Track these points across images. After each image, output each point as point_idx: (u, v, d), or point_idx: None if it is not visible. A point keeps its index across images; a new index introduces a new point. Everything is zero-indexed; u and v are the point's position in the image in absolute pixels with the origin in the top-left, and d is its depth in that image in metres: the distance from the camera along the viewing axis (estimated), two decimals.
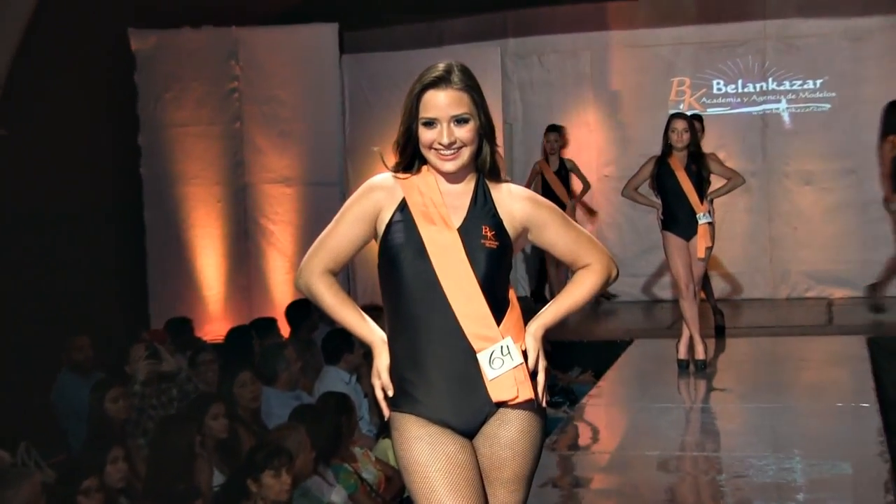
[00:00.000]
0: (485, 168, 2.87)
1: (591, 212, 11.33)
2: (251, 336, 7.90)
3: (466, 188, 2.87)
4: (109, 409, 5.89)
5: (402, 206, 2.82)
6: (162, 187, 10.80)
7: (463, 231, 2.80)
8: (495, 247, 2.80)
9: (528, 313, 2.94)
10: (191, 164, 10.82)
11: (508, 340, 2.76)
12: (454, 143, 2.79)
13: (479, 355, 2.75)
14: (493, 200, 2.86)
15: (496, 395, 2.76)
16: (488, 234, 2.80)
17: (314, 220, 10.30)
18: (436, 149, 2.80)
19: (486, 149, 2.86)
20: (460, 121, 2.79)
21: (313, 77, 10.72)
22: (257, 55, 10.75)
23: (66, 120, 9.49)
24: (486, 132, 2.84)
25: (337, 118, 10.85)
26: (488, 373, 2.75)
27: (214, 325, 10.49)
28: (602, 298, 11.05)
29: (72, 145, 9.62)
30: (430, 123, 2.79)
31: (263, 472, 4.98)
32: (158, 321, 9.85)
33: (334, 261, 2.88)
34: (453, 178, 2.85)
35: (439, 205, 2.82)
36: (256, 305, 10.53)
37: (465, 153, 2.81)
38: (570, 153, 11.05)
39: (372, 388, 2.89)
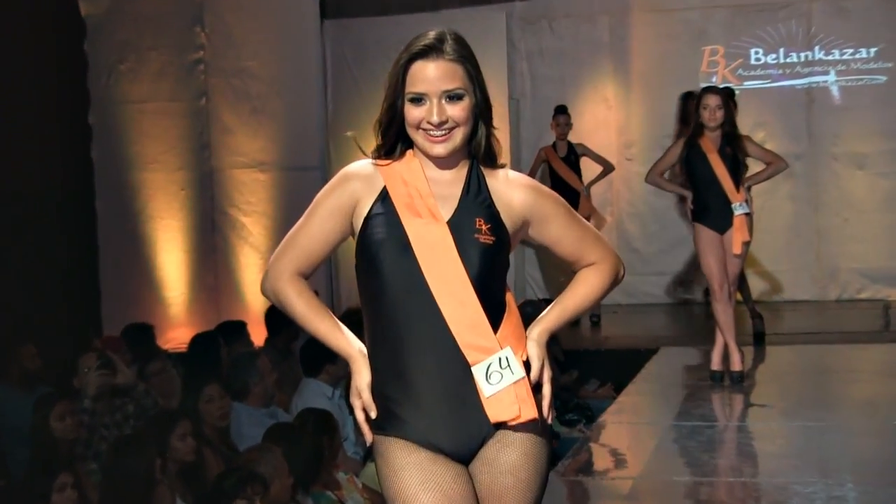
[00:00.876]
0: (479, 152, 2.85)
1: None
2: (218, 343, 7.88)
3: (458, 175, 2.84)
4: (55, 429, 5.87)
5: (384, 197, 2.80)
6: (116, 173, 10.79)
7: (453, 224, 2.77)
8: (491, 242, 2.78)
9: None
10: (149, 147, 10.79)
11: (508, 351, 2.74)
12: (445, 122, 2.76)
13: (473, 369, 2.73)
14: (488, 189, 2.84)
15: (494, 414, 2.74)
16: (483, 227, 2.77)
17: (291, 211, 10.26)
18: (424, 129, 2.77)
19: (482, 130, 2.83)
20: (453, 97, 2.76)
21: (290, 46, 10.71)
22: (226, 21, 10.74)
23: (4, 95, 9.46)
24: (481, 111, 2.82)
25: (317, 93, 10.84)
26: (485, 389, 2.72)
27: (177, 332, 10.48)
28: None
29: (11, 125, 9.58)
30: (418, 99, 2.76)
31: (233, 502, 4.97)
32: (112, 327, 9.84)
33: (305, 262, 2.86)
34: (443, 163, 2.83)
35: (426, 195, 2.79)
36: (225, 308, 10.52)
37: (458, 135, 2.78)
38: (585, 133, 11.04)
39: (352, 408, 2.87)
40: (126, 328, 8.83)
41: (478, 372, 2.73)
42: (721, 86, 9.67)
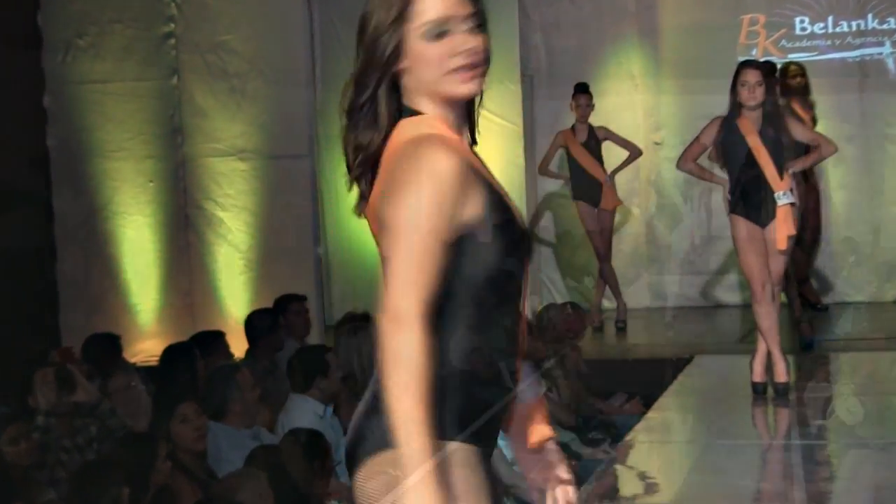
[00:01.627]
0: (475, 116, 2.64)
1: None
2: (194, 356, 7.89)
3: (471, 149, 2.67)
4: (9, 454, 5.88)
5: (484, 180, 2.53)
6: (75, 163, 10.79)
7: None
8: None
9: None
10: (113, 133, 10.80)
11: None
12: (479, 51, 2.49)
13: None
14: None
15: (534, 438, 2.77)
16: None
17: (277, 205, 10.29)
18: (454, 68, 2.48)
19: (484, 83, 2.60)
20: (479, 24, 2.50)
21: (273, 17, 10.70)
22: None
23: None
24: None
25: (304, 71, 10.83)
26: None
27: (147, 343, 10.48)
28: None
29: None
30: (438, 31, 2.49)
31: None
32: (71, 338, 9.84)
33: (432, 296, 2.43)
34: (458, 129, 2.59)
35: (489, 173, 2.59)
36: (201, 316, 10.51)
37: (484, 75, 2.53)
38: (608, 115, 11.03)
39: None
40: (88, 339, 8.84)
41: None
42: (762, 59, 9.69)
